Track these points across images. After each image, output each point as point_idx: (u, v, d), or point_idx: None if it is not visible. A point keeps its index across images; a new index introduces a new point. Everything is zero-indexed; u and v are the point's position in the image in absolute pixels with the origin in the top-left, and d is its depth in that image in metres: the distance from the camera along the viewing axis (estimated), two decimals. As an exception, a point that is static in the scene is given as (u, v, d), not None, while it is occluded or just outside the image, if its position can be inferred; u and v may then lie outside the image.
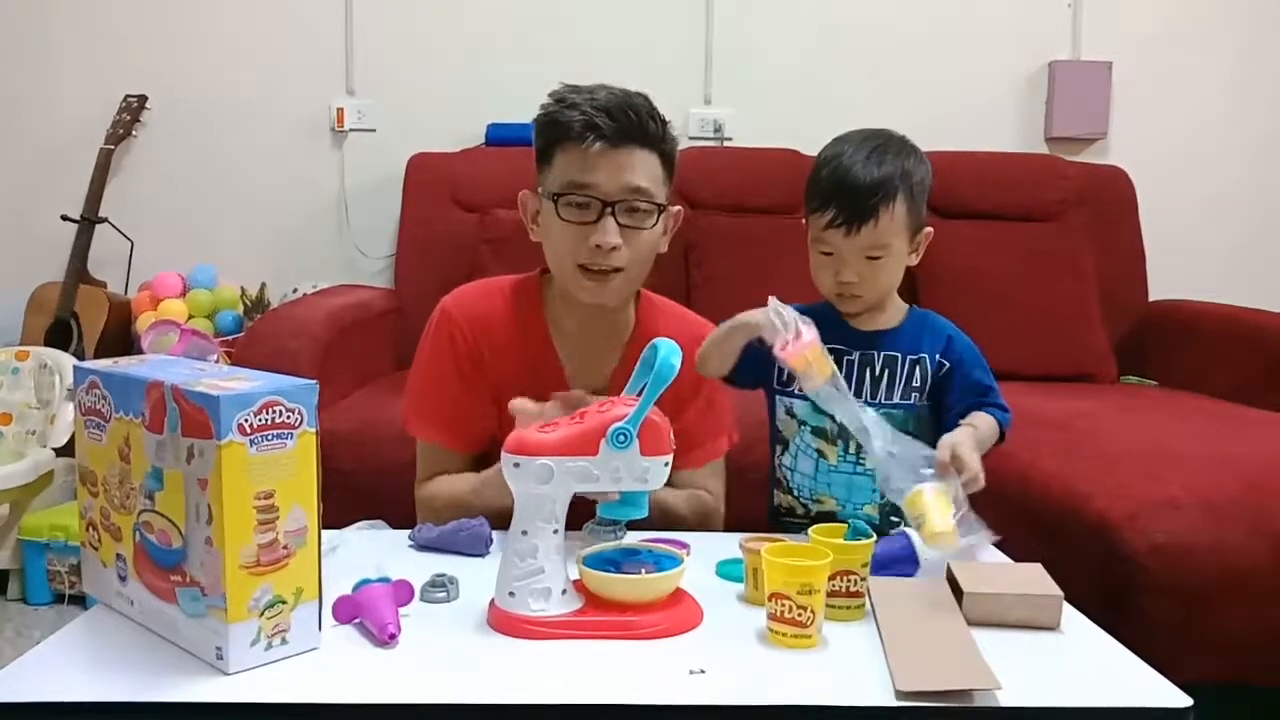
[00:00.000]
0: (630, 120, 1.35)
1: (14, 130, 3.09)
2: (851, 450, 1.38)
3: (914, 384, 1.38)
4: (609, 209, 1.35)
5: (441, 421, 1.46)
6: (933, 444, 1.34)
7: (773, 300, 1.27)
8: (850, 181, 1.34)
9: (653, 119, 1.38)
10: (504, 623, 1.05)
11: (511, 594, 1.04)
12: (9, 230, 3.11)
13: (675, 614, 1.06)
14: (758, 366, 1.38)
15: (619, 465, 1.05)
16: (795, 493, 1.43)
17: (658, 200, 1.38)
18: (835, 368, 1.23)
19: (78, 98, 3.07)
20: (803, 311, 1.34)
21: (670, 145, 1.41)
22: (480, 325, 1.45)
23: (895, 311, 1.43)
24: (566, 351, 1.46)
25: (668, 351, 1.06)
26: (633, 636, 1.03)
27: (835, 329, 1.38)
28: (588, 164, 1.35)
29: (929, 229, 1.41)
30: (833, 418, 1.34)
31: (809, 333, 1.22)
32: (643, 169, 1.36)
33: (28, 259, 3.05)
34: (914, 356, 1.39)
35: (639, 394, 1.07)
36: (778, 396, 1.45)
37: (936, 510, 1.14)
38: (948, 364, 1.39)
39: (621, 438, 1.04)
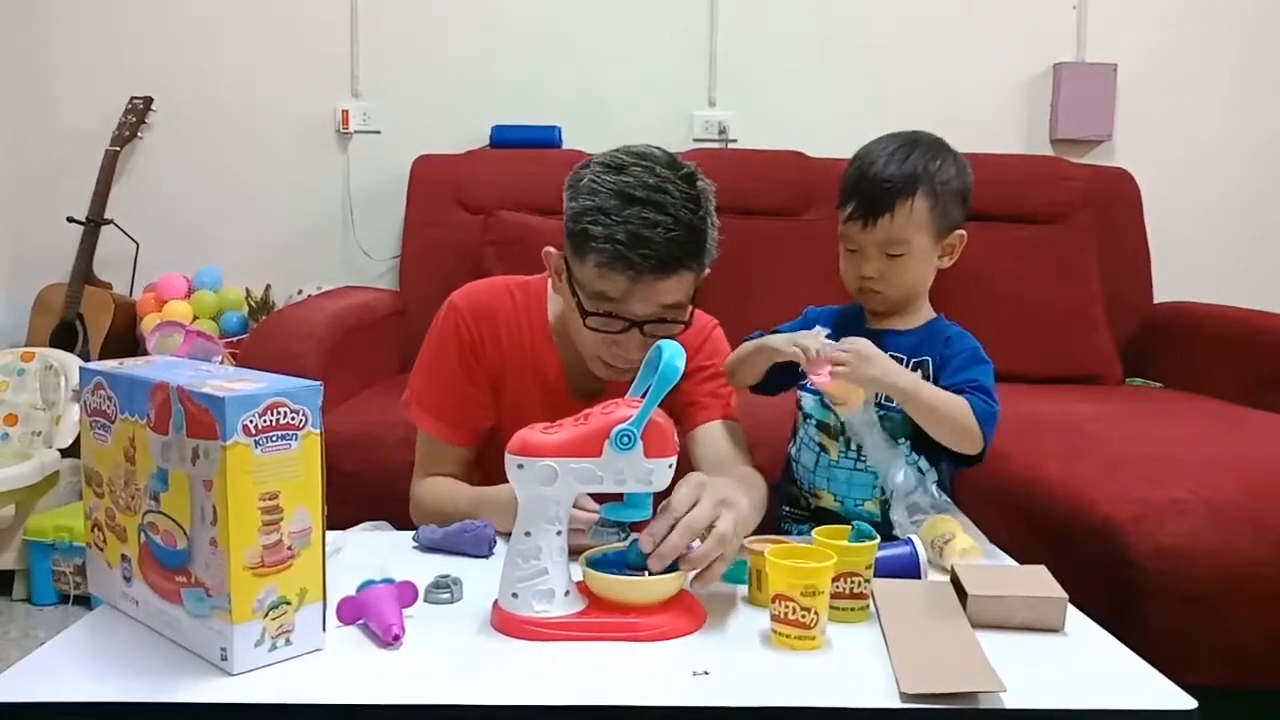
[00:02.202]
0: (675, 256, 1.27)
1: (20, 132, 3.11)
2: (853, 447, 1.38)
3: None
4: (638, 326, 1.31)
5: (440, 411, 1.47)
6: (931, 450, 1.36)
7: (819, 330, 1.32)
8: (870, 176, 1.36)
9: (698, 246, 1.29)
10: (507, 624, 1.05)
11: (515, 595, 1.04)
12: (15, 232, 3.13)
13: (678, 616, 1.06)
14: (782, 376, 1.41)
15: (623, 467, 1.04)
16: (799, 483, 1.45)
17: (685, 317, 1.35)
18: (868, 401, 1.31)
19: (83, 100, 3.08)
20: (838, 312, 1.43)
21: (710, 255, 1.33)
22: (486, 319, 1.47)
23: (916, 317, 1.42)
24: (566, 353, 1.47)
25: (671, 354, 1.06)
26: (635, 638, 1.03)
27: (851, 326, 1.39)
28: (624, 291, 1.29)
29: (961, 232, 1.40)
30: (840, 426, 1.38)
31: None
32: (678, 288, 1.30)
33: (33, 260, 3.06)
34: (918, 360, 1.38)
35: (643, 395, 1.07)
36: (797, 388, 1.46)
37: (957, 532, 1.25)
38: (943, 362, 1.38)
39: (625, 439, 1.04)
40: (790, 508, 1.46)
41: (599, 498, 1.17)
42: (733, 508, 1.10)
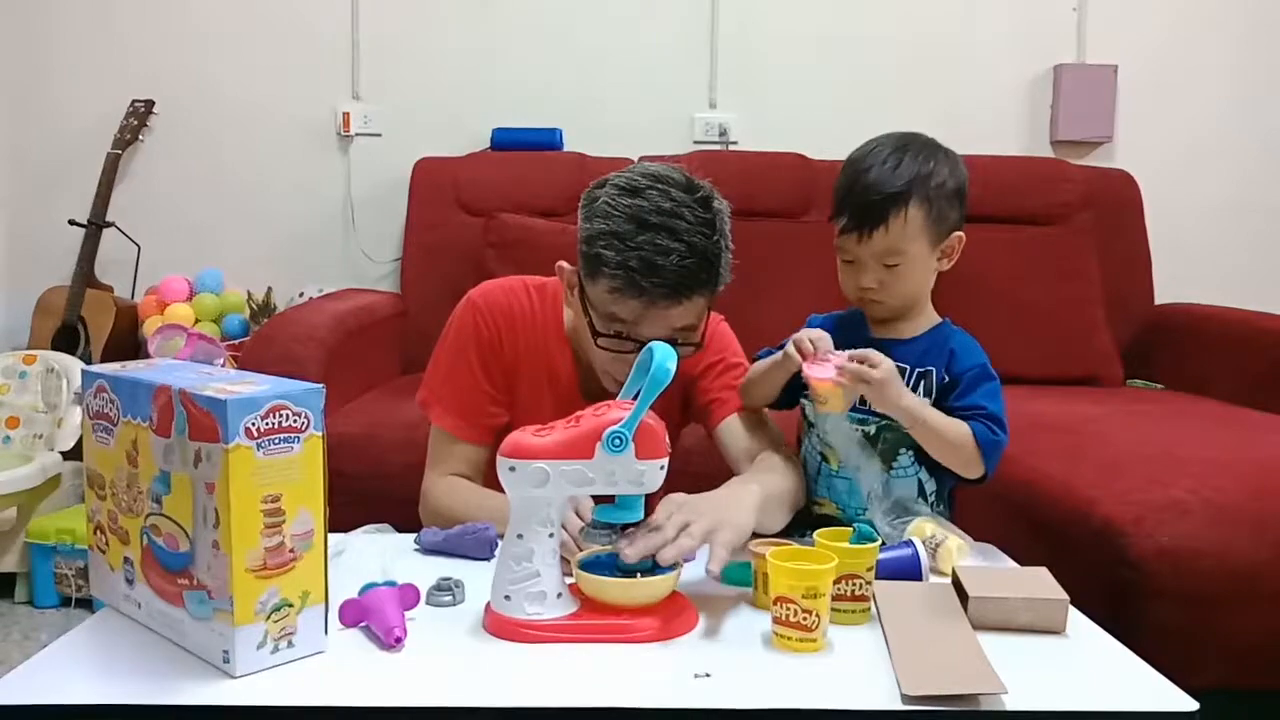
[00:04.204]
0: (687, 284, 1.27)
1: (21, 135, 3.11)
2: None
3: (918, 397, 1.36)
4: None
5: (457, 407, 1.47)
6: (934, 465, 1.36)
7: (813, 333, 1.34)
8: (861, 186, 1.33)
9: (711, 272, 1.29)
10: (499, 626, 1.05)
11: (507, 597, 1.05)
12: (17, 234, 3.13)
13: (670, 618, 1.06)
14: (794, 389, 1.41)
15: (614, 469, 1.05)
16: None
17: (697, 338, 1.35)
18: (847, 410, 1.31)
19: (85, 103, 3.08)
20: (839, 318, 1.43)
21: (724, 279, 1.33)
22: (503, 317, 1.48)
23: (920, 322, 1.40)
24: (580, 356, 1.47)
25: (663, 356, 1.06)
26: (628, 640, 1.03)
27: (854, 335, 1.38)
28: (635, 315, 1.29)
29: (959, 234, 1.38)
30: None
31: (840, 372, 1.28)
32: (690, 313, 1.31)
33: (35, 263, 3.06)
34: (921, 370, 1.36)
35: (635, 397, 1.07)
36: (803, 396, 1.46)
37: (947, 530, 1.26)
38: (949, 378, 1.36)
39: (617, 441, 1.04)
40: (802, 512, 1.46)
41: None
42: (708, 516, 1.12)
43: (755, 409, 1.47)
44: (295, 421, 0.95)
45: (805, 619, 1.01)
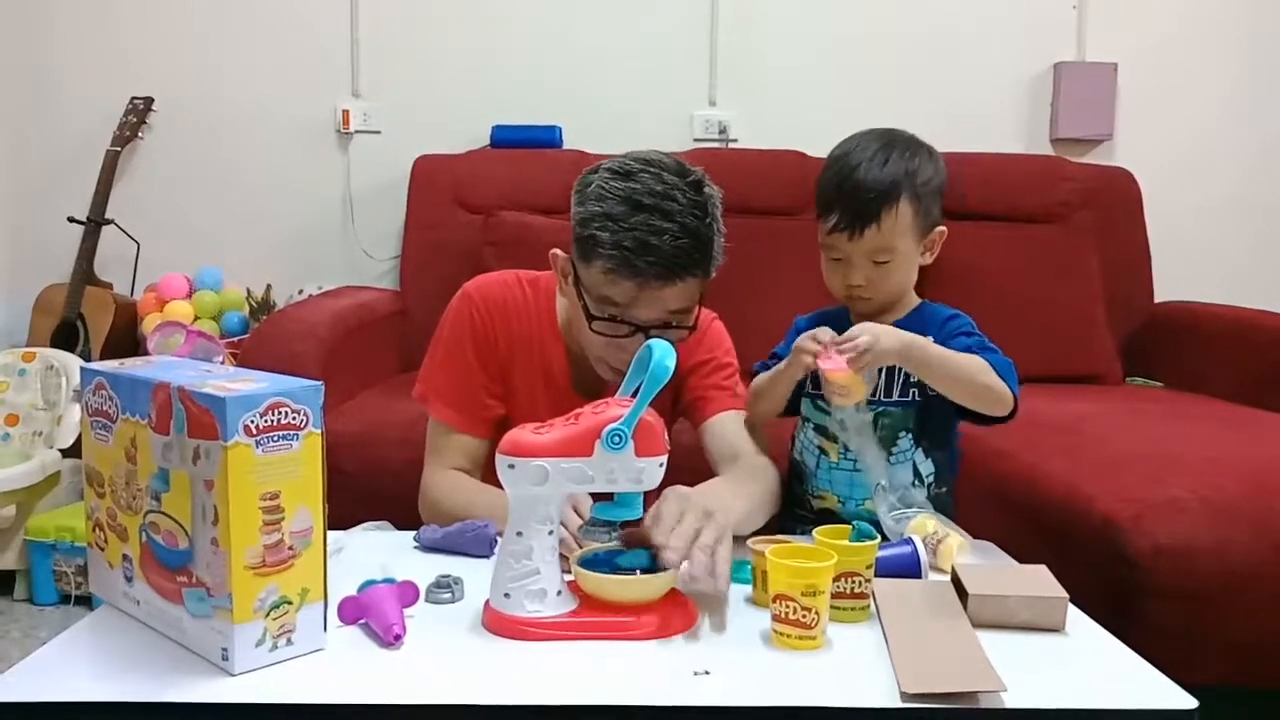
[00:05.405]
0: (681, 264, 1.28)
1: (21, 132, 3.11)
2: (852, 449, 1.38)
3: (911, 379, 1.36)
4: (643, 331, 1.31)
5: (454, 399, 1.48)
6: (933, 442, 1.36)
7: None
8: (851, 184, 1.34)
9: (704, 253, 1.30)
10: (499, 624, 1.05)
11: (507, 595, 1.05)
12: (16, 232, 3.13)
13: (670, 614, 1.06)
14: (796, 395, 1.41)
15: (614, 466, 1.05)
16: (803, 486, 1.45)
17: (690, 322, 1.36)
18: (866, 397, 1.30)
19: (84, 100, 3.08)
20: (824, 315, 1.42)
21: (717, 262, 1.33)
22: (498, 310, 1.48)
23: (903, 308, 1.42)
24: (573, 350, 1.48)
25: (662, 353, 1.06)
26: (627, 637, 1.03)
27: (838, 327, 1.38)
28: (630, 297, 1.30)
29: (942, 228, 1.39)
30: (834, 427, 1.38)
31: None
32: (684, 294, 1.31)
33: (35, 261, 3.06)
34: None
35: (634, 395, 1.07)
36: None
37: (948, 527, 1.26)
38: (941, 340, 1.35)
39: (616, 439, 1.04)
40: (798, 509, 1.46)
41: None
42: (716, 519, 1.11)
43: (762, 420, 1.46)
44: (294, 419, 0.95)
45: (804, 616, 1.01)
